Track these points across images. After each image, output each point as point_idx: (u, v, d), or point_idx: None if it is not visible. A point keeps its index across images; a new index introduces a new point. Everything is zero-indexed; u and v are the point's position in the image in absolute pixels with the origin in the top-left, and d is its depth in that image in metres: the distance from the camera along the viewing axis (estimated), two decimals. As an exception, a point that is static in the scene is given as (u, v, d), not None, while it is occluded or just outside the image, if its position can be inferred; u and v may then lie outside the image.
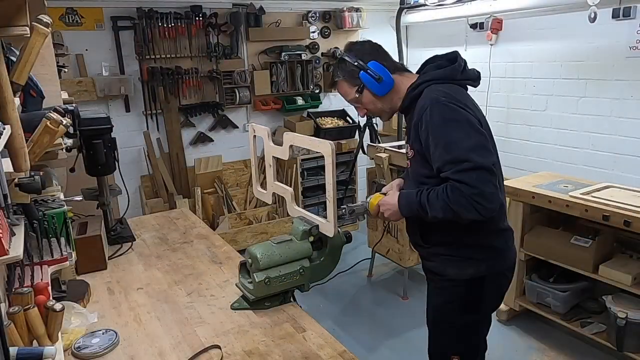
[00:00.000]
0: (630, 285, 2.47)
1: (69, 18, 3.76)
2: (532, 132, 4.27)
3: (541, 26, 4.01)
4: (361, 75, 1.58)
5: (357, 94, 1.63)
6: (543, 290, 2.93)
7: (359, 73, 1.59)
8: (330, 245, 1.76)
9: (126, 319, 1.65)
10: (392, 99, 1.63)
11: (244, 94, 4.48)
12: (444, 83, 1.53)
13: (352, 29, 4.91)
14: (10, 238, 1.04)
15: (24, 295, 1.14)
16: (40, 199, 1.64)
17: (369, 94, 1.62)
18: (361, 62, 1.58)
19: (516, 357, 2.85)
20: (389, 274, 3.96)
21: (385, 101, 1.64)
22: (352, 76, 1.61)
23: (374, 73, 1.57)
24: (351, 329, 3.20)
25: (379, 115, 1.74)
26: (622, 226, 2.38)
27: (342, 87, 1.67)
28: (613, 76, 3.59)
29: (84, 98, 3.79)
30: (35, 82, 1.46)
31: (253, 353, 1.44)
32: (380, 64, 1.59)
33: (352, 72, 1.61)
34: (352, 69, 1.60)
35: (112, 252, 2.19)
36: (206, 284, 1.90)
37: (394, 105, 1.65)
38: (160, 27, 4.02)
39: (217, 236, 2.45)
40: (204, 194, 4.46)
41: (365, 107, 1.67)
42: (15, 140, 1.06)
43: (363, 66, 1.58)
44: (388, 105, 1.65)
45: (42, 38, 1.11)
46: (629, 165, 3.60)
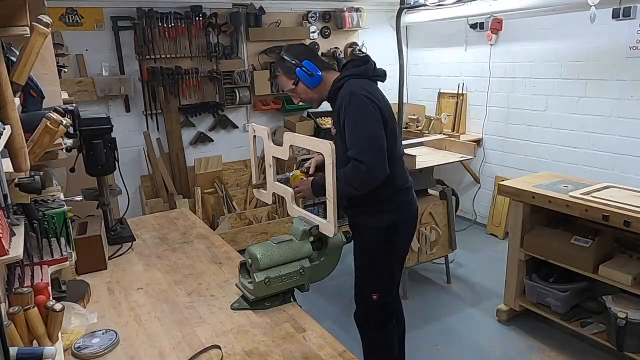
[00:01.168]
0: (630, 285, 2.47)
1: (69, 18, 3.76)
2: (532, 132, 4.27)
3: (541, 26, 4.01)
4: (297, 71, 2.02)
5: (293, 85, 2.08)
6: (543, 290, 2.93)
7: (295, 69, 2.03)
8: (330, 245, 1.76)
9: (126, 319, 1.65)
10: (321, 90, 2.07)
11: (244, 94, 4.48)
12: (360, 78, 1.99)
13: (352, 29, 4.91)
14: (10, 238, 1.04)
15: (24, 295, 1.14)
16: (40, 199, 1.64)
17: (302, 86, 2.06)
18: (297, 61, 2.02)
19: (516, 357, 2.85)
20: (389, 274, 3.95)
21: (316, 92, 2.08)
22: (289, 71, 2.05)
23: (307, 70, 2.01)
24: (351, 329, 3.18)
25: (310, 102, 2.17)
26: (622, 226, 2.38)
27: (281, 79, 2.12)
28: (613, 76, 3.59)
29: (84, 98, 3.79)
30: (35, 82, 1.46)
31: (253, 353, 1.44)
32: (312, 63, 2.02)
33: (289, 68, 2.05)
34: (289, 65, 2.04)
35: (112, 252, 2.19)
36: (206, 284, 1.90)
37: (322, 95, 2.09)
38: (160, 27, 4.02)
39: (217, 236, 2.44)
40: (204, 194, 4.46)
41: (299, 95, 2.12)
42: (15, 140, 1.06)
43: (299, 64, 2.02)
44: (318, 95, 2.10)
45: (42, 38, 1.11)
46: (629, 165, 3.60)
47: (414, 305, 3.40)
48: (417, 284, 3.64)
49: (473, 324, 3.17)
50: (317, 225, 1.73)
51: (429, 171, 3.65)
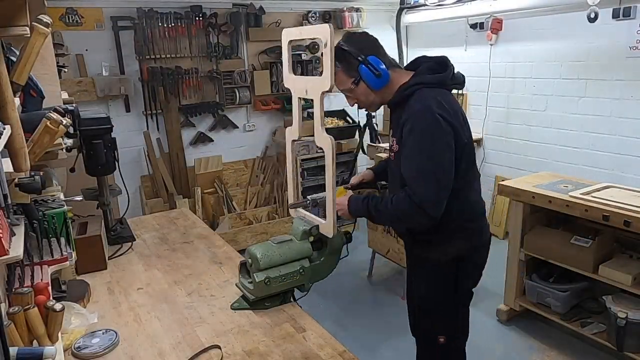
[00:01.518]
0: (630, 285, 2.47)
1: (69, 18, 3.76)
2: (532, 132, 4.27)
3: (541, 26, 4.01)
4: (360, 68, 1.63)
5: (352, 85, 1.68)
6: (543, 290, 2.93)
7: (358, 66, 1.63)
8: (330, 246, 1.76)
9: (126, 319, 1.65)
10: (384, 93, 1.69)
11: (244, 94, 4.48)
12: (436, 88, 1.62)
13: (352, 29, 4.91)
14: (10, 238, 1.04)
15: (24, 295, 1.14)
16: (40, 199, 1.64)
17: (364, 87, 1.67)
18: (362, 55, 1.62)
19: (516, 357, 2.85)
20: (389, 274, 3.95)
21: (378, 94, 1.70)
22: (350, 68, 1.65)
23: (373, 68, 1.62)
24: (351, 329, 3.20)
25: (368, 107, 1.79)
26: (622, 226, 2.37)
27: (339, 76, 1.67)
28: (613, 76, 3.59)
29: (84, 98, 3.79)
30: (35, 82, 1.46)
31: (253, 353, 1.44)
32: (379, 59, 1.64)
33: (351, 63, 1.64)
34: (352, 60, 1.64)
35: (112, 252, 2.19)
36: (206, 284, 1.90)
37: (384, 99, 1.73)
38: (160, 27, 4.02)
39: (217, 236, 2.44)
40: (204, 194, 4.46)
41: (357, 97, 1.73)
42: (16, 140, 1.06)
43: (364, 60, 1.62)
44: (379, 99, 1.73)
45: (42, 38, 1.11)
46: (629, 165, 3.60)
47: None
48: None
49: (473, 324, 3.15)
50: (317, 226, 1.73)
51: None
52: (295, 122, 1.79)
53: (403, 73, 1.71)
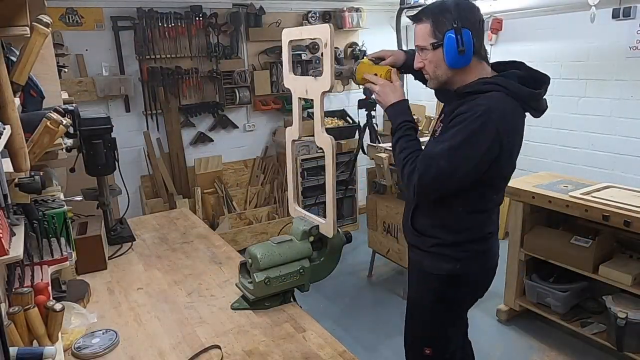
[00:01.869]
0: (630, 285, 2.47)
1: (69, 18, 3.76)
2: (532, 132, 4.26)
3: (541, 26, 4.01)
4: (448, 34, 1.45)
5: (430, 46, 1.51)
6: (543, 290, 2.93)
7: (447, 31, 1.45)
8: (330, 246, 1.76)
9: (126, 319, 1.65)
10: (455, 76, 1.53)
11: (244, 94, 4.48)
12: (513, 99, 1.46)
13: (352, 29, 4.91)
14: (10, 238, 1.04)
15: (24, 295, 1.14)
16: (40, 199, 1.64)
17: (439, 55, 1.49)
18: (458, 23, 1.44)
19: (516, 357, 2.85)
20: (389, 274, 3.95)
21: (448, 73, 1.53)
22: (439, 27, 1.47)
23: (461, 41, 1.44)
24: (351, 329, 3.20)
25: (431, 78, 1.60)
26: (622, 226, 2.38)
27: (423, 30, 1.51)
28: (613, 76, 3.59)
29: (84, 98, 3.79)
30: (36, 82, 1.46)
31: (253, 353, 1.44)
32: (471, 38, 1.45)
33: (443, 24, 1.46)
34: (445, 22, 1.46)
35: (112, 252, 2.19)
36: (206, 284, 1.90)
37: (450, 82, 1.56)
38: (160, 27, 4.02)
39: (217, 236, 2.44)
40: (204, 194, 4.46)
41: (426, 61, 1.55)
42: (15, 141, 1.06)
43: (457, 28, 1.44)
44: (446, 77, 1.55)
45: (42, 38, 1.11)
46: (629, 165, 3.60)
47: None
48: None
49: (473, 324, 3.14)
50: (317, 225, 1.73)
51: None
52: (296, 122, 1.79)
53: (486, 69, 1.55)
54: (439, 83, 1.59)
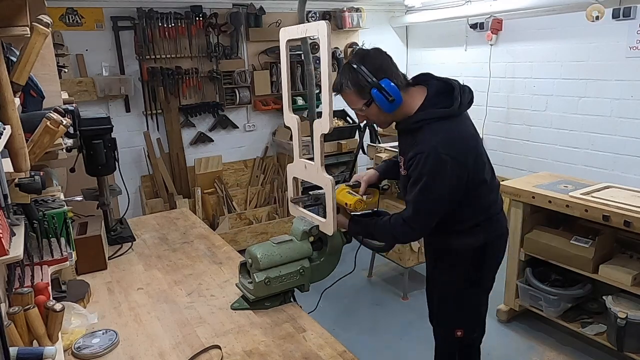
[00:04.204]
0: (630, 285, 2.47)
1: (69, 18, 3.76)
2: (532, 132, 4.27)
3: (541, 26, 4.01)
4: (373, 92, 1.60)
5: (364, 106, 1.66)
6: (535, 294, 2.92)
7: (370, 89, 1.60)
8: (330, 246, 1.76)
9: (126, 319, 1.65)
10: (395, 114, 1.68)
11: (244, 94, 4.48)
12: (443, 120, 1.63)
13: (352, 29, 4.92)
14: (11, 238, 1.04)
15: (24, 296, 1.14)
16: (40, 199, 1.64)
17: (375, 108, 1.65)
18: (374, 79, 1.59)
19: (516, 357, 2.85)
20: (389, 274, 3.96)
21: (389, 116, 1.69)
22: (362, 90, 1.63)
23: (387, 93, 1.59)
24: (351, 329, 3.20)
25: (378, 125, 1.84)
26: (622, 226, 2.37)
27: (350, 97, 1.68)
28: (613, 76, 3.59)
29: (84, 98, 3.79)
30: (36, 82, 1.46)
31: (253, 353, 1.44)
32: (392, 83, 1.60)
33: (364, 87, 1.62)
34: (364, 84, 1.61)
35: (112, 252, 2.19)
36: (206, 284, 1.90)
37: (396, 118, 1.73)
38: (160, 27, 4.02)
39: (217, 236, 2.44)
40: (204, 194, 4.46)
41: (367, 117, 1.73)
42: (16, 141, 1.06)
43: (377, 84, 1.59)
44: (391, 119, 1.73)
45: (42, 38, 1.11)
46: (629, 165, 3.60)
47: (414, 305, 3.41)
48: (417, 284, 3.64)
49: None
50: (317, 225, 1.73)
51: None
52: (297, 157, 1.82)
53: (415, 92, 1.70)
54: (388, 124, 1.79)
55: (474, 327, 1.95)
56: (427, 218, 1.69)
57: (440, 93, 1.68)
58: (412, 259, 3.48)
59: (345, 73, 1.66)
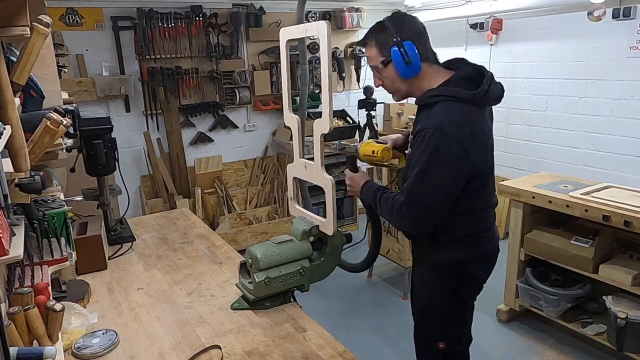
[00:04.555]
0: (630, 285, 2.47)
1: (69, 18, 3.76)
2: (532, 132, 4.27)
3: (541, 26, 4.02)
4: (392, 49, 1.56)
5: (381, 64, 1.61)
6: (535, 294, 2.92)
7: (391, 47, 1.56)
8: (330, 245, 1.76)
9: (126, 319, 1.65)
10: (412, 85, 1.62)
11: (244, 94, 4.48)
12: (464, 103, 1.52)
13: (352, 29, 4.92)
14: (11, 238, 1.04)
15: (24, 295, 1.14)
16: (40, 199, 1.64)
17: (392, 70, 1.60)
18: (398, 37, 1.54)
19: (516, 357, 2.85)
20: (389, 274, 3.96)
21: (405, 84, 1.63)
22: (384, 45, 1.58)
23: (405, 53, 1.54)
24: (351, 329, 3.20)
25: (392, 93, 1.71)
26: (622, 226, 2.37)
27: (371, 50, 1.64)
28: (613, 76, 3.59)
29: (84, 98, 3.79)
30: (36, 82, 1.46)
31: (253, 353, 1.44)
32: (415, 47, 1.54)
33: (386, 42, 1.57)
34: (387, 39, 1.57)
35: (112, 252, 2.19)
36: (206, 284, 1.90)
37: (411, 92, 1.65)
38: (160, 27, 4.02)
39: (217, 236, 2.44)
40: (204, 194, 4.46)
41: (383, 79, 1.67)
42: (16, 141, 1.06)
43: (398, 42, 1.54)
44: (405, 89, 1.65)
45: (42, 38, 1.11)
46: (629, 165, 3.60)
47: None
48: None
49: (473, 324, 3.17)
50: (317, 225, 1.73)
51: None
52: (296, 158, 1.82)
53: (439, 71, 1.62)
54: (401, 95, 1.69)
55: (458, 340, 1.86)
56: (420, 208, 1.56)
57: (467, 78, 1.58)
58: (412, 259, 3.48)
59: (374, 27, 1.64)
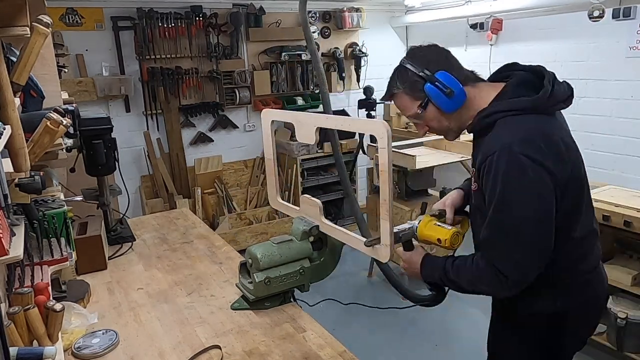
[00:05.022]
0: (630, 285, 2.47)
1: (69, 18, 3.76)
2: (532, 132, 4.26)
3: (541, 26, 4.01)
4: (426, 87, 1.33)
5: (419, 109, 1.38)
6: None
7: (423, 85, 1.34)
8: (330, 245, 1.76)
9: (126, 319, 1.65)
10: (462, 116, 1.37)
11: (244, 94, 4.48)
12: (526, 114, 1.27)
13: (352, 29, 4.91)
14: (11, 238, 1.04)
15: (24, 295, 1.14)
16: (40, 199, 1.64)
17: (434, 110, 1.36)
18: (427, 72, 1.34)
19: (516, 357, 2.84)
20: (389, 274, 3.95)
21: (453, 118, 1.38)
22: (414, 88, 1.36)
23: (442, 85, 1.31)
24: (351, 329, 3.20)
25: (443, 134, 1.47)
26: (622, 226, 2.38)
27: (402, 100, 1.41)
28: (613, 76, 3.59)
29: (84, 98, 3.79)
30: (36, 82, 1.46)
31: (253, 353, 1.44)
32: (449, 75, 1.33)
33: (415, 83, 1.35)
34: (415, 79, 1.35)
35: (112, 252, 2.19)
36: (206, 284, 1.90)
37: (462, 123, 1.40)
38: (160, 27, 4.02)
39: (217, 236, 2.44)
40: (204, 194, 4.47)
41: (427, 123, 1.42)
42: (16, 141, 1.06)
43: (430, 77, 1.33)
44: (456, 123, 1.40)
45: (42, 38, 1.11)
46: (629, 165, 3.60)
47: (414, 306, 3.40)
48: (417, 283, 3.64)
49: (473, 324, 3.18)
50: (317, 225, 1.72)
51: (429, 171, 3.65)
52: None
53: (486, 88, 1.38)
54: (455, 132, 1.45)
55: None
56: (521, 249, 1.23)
57: (524, 83, 1.33)
58: None
59: (395, 74, 1.42)
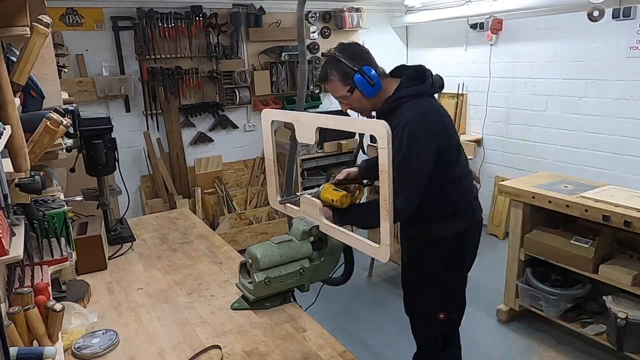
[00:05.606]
0: (630, 285, 2.47)
1: (69, 18, 3.76)
2: (532, 132, 4.27)
3: (541, 26, 4.01)
4: (356, 77, 1.77)
5: (347, 93, 1.82)
6: (535, 294, 2.92)
7: (354, 75, 1.77)
8: (330, 245, 1.76)
9: (126, 319, 1.65)
10: (376, 100, 1.84)
11: (244, 94, 4.48)
12: (418, 98, 1.78)
13: (352, 29, 4.91)
14: (11, 238, 1.04)
15: (24, 296, 1.14)
16: (40, 199, 1.64)
17: (358, 94, 1.81)
18: (357, 65, 1.77)
19: (516, 357, 2.85)
20: (389, 274, 3.96)
21: (371, 102, 1.85)
22: (346, 77, 1.80)
23: (368, 77, 1.77)
24: (351, 329, 3.20)
25: (360, 112, 1.94)
26: (622, 226, 2.38)
27: (334, 85, 1.84)
28: (613, 76, 3.59)
29: (84, 98, 3.79)
30: (36, 82, 1.46)
31: (253, 353, 1.44)
32: (371, 69, 1.78)
33: (347, 73, 1.79)
34: (347, 70, 1.78)
35: (112, 252, 2.19)
36: (206, 284, 1.90)
37: (376, 106, 1.87)
38: (160, 27, 4.02)
39: (217, 236, 2.44)
40: (204, 194, 4.47)
41: (350, 104, 1.88)
42: (16, 141, 1.06)
43: (360, 69, 1.77)
44: (372, 105, 1.88)
45: (42, 38, 1.11)
46: (629, 165, 3.60)
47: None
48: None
49: (473, 324, 3.17)
50: (317, 225, 1.72)
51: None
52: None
53: (391, 82, 1.84)
54: (369, 111, 1.92)
55: (455, 308, 2.06)
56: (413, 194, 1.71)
57: (413, 78, 1.83)
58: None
59: (329, 63, 1.85)
